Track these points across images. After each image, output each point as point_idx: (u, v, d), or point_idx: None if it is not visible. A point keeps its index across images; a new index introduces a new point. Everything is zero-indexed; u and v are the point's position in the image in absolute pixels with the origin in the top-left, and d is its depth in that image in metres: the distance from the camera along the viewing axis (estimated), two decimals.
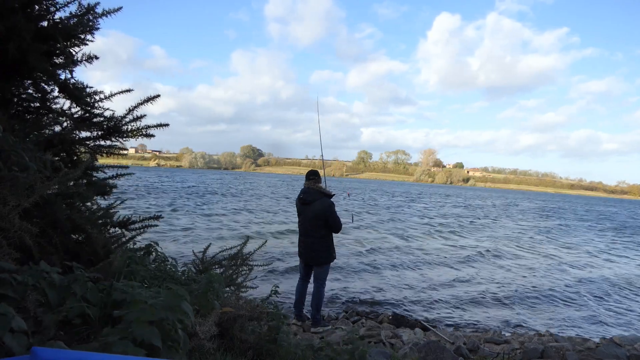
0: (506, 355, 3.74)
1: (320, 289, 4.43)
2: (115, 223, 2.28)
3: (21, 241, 1.50)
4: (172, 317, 1.30)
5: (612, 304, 6.95)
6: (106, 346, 1.13)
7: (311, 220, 4.32)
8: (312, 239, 4.34)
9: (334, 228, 4.37)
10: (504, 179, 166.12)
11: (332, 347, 2.43)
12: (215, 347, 1.68)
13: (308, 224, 4.35)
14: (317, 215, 4.28)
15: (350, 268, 8.00)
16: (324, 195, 4.35)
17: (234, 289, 2.70)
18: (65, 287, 1.41)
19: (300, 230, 4.49)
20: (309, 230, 4.35)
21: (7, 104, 1.96)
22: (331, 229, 4.38)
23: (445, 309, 5.95)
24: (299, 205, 4.44)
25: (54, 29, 1.89)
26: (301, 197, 4.38)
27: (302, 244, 4.46)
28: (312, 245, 4.35)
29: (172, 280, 2.07)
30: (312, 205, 4.32)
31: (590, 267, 9.99)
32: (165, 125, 2.35)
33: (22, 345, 1.06)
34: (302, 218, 4.42)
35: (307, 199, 4.33)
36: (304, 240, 4.42)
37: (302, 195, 4.38)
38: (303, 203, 4.37)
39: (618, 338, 4.54)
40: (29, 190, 1.51)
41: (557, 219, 25.21)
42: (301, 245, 4.48)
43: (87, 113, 2.17)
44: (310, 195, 4.34)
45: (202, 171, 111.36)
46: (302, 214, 4.41)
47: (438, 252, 10.57)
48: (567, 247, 13.25)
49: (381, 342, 4.01)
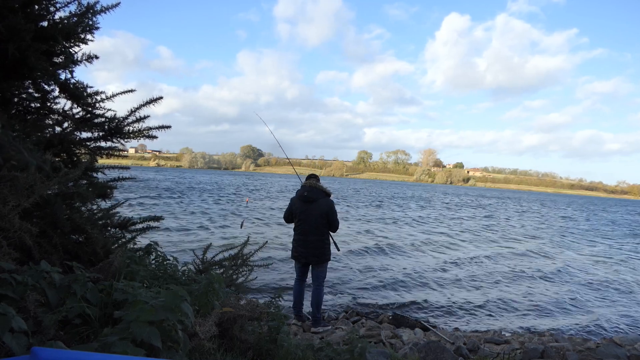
0: (506, 355, 3.74)
1: (320, 289, 4.43)
2: (116, 223, 2.28)
3: (21, 241, 1.50)
4: (172, 317, 1.30)
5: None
6: (106, 346, 1.13)
7: (316, 219, 4.31)
8: (315, 237, 4.32)
9: (333, 226, 4.39)
10: (504, 179, 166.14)
11: (332, 347, 2.43)
12: (215, 347, 1.68)
13: (312, 222, 4.31)
14: (322, 214, 4.29)
15: (350, 268, 8.00)
16: (325, 194, 4.38)
17: (234, 289, 2.70)
18: (65, 287, 1.41)
19: (300, 230, 4.40)
20: (312, 228, 4.32)
21: (7, 104, 1.96)
22: (330, 228, 4.40)
23: (445, 309, 5.95)
24: (300, 204, 4.37)
25: (53, 29, 1.88)
26: (305, 194, 4.34)
27: (302, 243, 4.38)
28: (314, 243, 4.33)
29: (173, 280, 2.07)
30: (316, 203, 4.31)
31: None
32: (167, 127, 2.35)
33: (22, 345, 1.06)
34: (305, 216, 4.35)
35: (312, 196, 4.32)
36: (305, 239, 4.36)
37: (307, 192, 4.34)
38: (307, 201, 4.33)
39: (618, 338, 4.54)
40: (29, 190, 1.51)
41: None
42: (300, 244, 4.40)
43: (88, 113, 2.17)
44: (314, 193, 4.33)
45: (210, 171, 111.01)
46: (305, 213, 4.35)
47: (455, 254, 10.57)
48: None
49: (381, 342, 4.01)
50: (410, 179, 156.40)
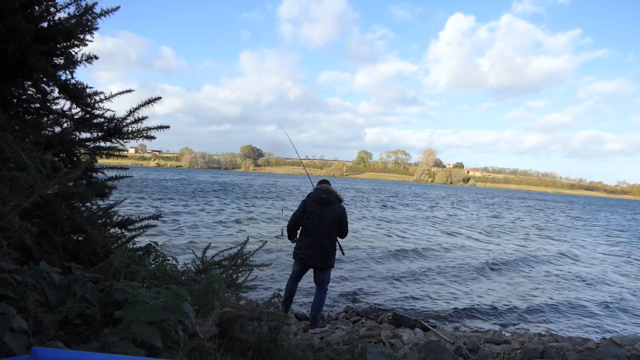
0: (506, 355, 3.74)
1: (324, 293, 4.44)
2: (115, 223, 2.28)
3: (21, 241, 1.51)
4: (173, 317, 1.30)
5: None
6: (106, 346, 1.13)
7: (331, 223, 4.31)
8: (327, 240, 4.32)
9: (344, 232, 4.45)
10: (504, 179, 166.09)
11: (332, 347, 2.43)
12: (215, 347, 1.68)
13: (327, 226, 4.30)
14: (336, 218, 4.33)
15: (350, 268, 8.00)
16: (339, 200, 4.43)
17: (234, 289, 2.70)
18: (65, 287, 1.41)
19: (312, 232, 4.31)
20: (327, 232, 4.31)
21: (7, 105, 1.96)
22: (341, 234, 4.45)
23: (445, 309, 5.95)
24: (317, 206, 4.32)
25: (54, 30, 1.89)
26: (323, 196, 4.33)
27: (312, 245, 4.30)
28: (325, 247, 4.32)
29: (172, 280, 2.07)
30: (332, 207, 4.33)
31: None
32: (166, 127, 2.35)
33: (23, 345, 1.06)
34: (319, 219, 4.30)
35: (329, 199, 4.34)
36: (316, 241, 4.29)
37: (325, 195, 4.34)
38: (324, 204, 4.32)
39: (618, 338, 4.53)
40: (29, 190, 1.51)
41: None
42: (311, 247, 4.30)
43: (88, 114, 2.18)
44: (331, 196, 4.36)
45: (215, 172, 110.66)
46: (320, 215, 4.31)
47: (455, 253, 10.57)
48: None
49: (381, 342, 4.01)
50: (410, 179, 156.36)
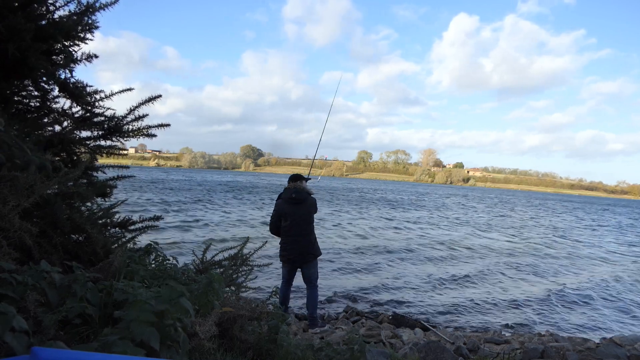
0: (506, 355, 3.74)
1: (315, 290, 4.49)
2: (115, 223, 2.28)
3: (21, 241, 1.50)
4: (172, 309, 1.30)
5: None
6: (106, 346, 1.13)
7: (304, 218, 4.43)
8: (304, 237, 4.41)
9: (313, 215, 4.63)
10: (504, 179, 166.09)
11: (332, 347, 2.43)
12: (215, 347, 1.68)
13: (302, 223, 4.41)
14: (309, 212, 4.48)
15: (350, 268, 8.00)
16: (309, 194, 4.54)
17: (234, 289, 2.70)
18: (65, 287, 1.41)
19: (289, 232, 4.42)
20: (302, 229, 4.41)
21: (8, 103, 1.95)
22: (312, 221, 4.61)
23: (445, 309, 5.95)
24: (288, 206, 4.43)
25: (53, 28, 1.88)
26: (293, 196, 4.42)
27: (292, 244, 4.41)
28: (303, 243, 4.41)
29: (172, 279, 2.06)
30: (303, 204, 4.43)
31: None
32: (167, 126, 2.35)
33: (23, 345, 1.06)
34: (293, 218, 4.42)
35: (300, 197, 4.42)
36: (295, 239, 4.40)
37: (294, 194, 4.43)
38: (295, 202, 4.42)
39: (618, 338, 4.53)
40: (29, 190, 1.51)
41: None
42: (289, 245, 4.42)
43: (88, 113, 2.17)
44: (301, 194, 4.45)
45: (219, 172, 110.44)
46: (293, 214, 4.42)
47: (454, 249, 10.57)
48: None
49: (381, 342, 4.01)
50: (410, 179, 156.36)
